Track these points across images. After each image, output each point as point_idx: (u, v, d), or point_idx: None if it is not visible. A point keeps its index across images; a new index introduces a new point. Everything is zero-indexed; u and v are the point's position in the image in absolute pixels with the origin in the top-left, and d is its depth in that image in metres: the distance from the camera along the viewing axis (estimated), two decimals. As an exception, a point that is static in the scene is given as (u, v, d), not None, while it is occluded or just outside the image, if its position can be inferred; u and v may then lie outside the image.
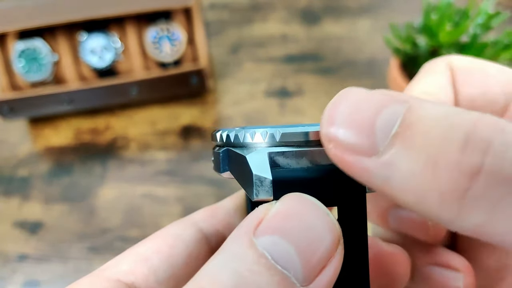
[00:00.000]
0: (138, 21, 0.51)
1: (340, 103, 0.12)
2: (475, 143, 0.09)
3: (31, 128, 0.53)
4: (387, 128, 0.11)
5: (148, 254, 0.16)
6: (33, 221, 0.46)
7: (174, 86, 0.51)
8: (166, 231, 0.18)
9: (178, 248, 0.17)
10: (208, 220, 0.18)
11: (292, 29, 0.62)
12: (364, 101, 0.11)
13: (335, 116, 0.11)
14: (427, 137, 0.10)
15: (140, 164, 0.49)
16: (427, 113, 0.10)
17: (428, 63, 0.18)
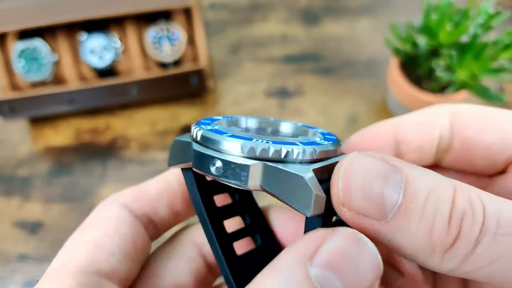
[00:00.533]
0: (138, 21, 0.51)
1: (352, 174, 0.14)
2: (455, 218, 0.13)
3: (31, 128, 0.53)
4: (393, 200, 0.13)
5: (99, 240, 0.17)
6: (33, 221, 0.46)
7: (174, 86, 0.51)
8: (103, 215, 0.19)
9: (122, 228, 0.18)
10: (136, 203, 0.19)
11: (292, 29, 0.62)
12: (371, 174, 0.14)
13: (349, 187, 0.14)
14: (423, 213, 0.13)
15: (140, 164, 0.49)
16: (420, 186, 0.13)
17: (431, 109, 0.19)
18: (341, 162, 0.14)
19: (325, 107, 0.53)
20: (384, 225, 0.13)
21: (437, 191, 0.13)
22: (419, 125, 0.19)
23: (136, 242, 0.18)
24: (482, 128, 0.18)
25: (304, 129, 0.20)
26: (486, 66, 0.41)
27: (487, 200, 0.13)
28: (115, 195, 0.20)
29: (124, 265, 0.17)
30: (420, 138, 0.19)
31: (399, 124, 0.19)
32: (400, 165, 0.14)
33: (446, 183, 0.14)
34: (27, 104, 0.50)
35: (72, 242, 0.18)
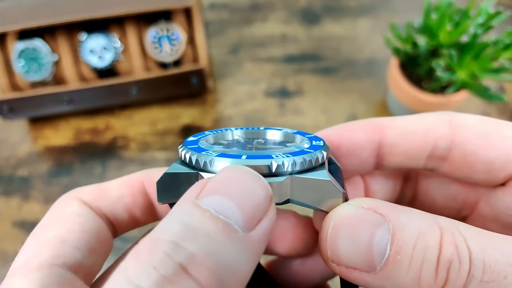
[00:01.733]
0: (138, 21, 0.51)
1: (339, 231, 0.14)
2: (442, 265, 0.13)
3: (31, 128, 0.53)
4: (381, 252, 0.14)
5: (63, 236, 0.17)
6: (33, 221, 0.46)
7: (174, 86, 0.51)
8: (64, 211, 0.18)
9: (85, 223, 0.18)
10: (95, 202, 0.19)
11: (292, 29, 0.62)
12: (358, 228, 0.14)
13: (337, 244, 0.14)
14: (411, 262, 0.14)
15: (140, 164, 0.49)
16: (407, 234, 0.14)
17: (429, 116, 0.19)
18: (328, 216, 0.15)
19: (325, 107, 0.53)
20: (373, 276, 0.14)
21: (424, 237, 0.14)
22: (408, 133, 0.19)
23: (100, 238, 0.18)
24: (485, 144, 0.18)
25: (291, 135, 0.20)
26: (486, 66, 0.41)
27: (472, 243, 0.14)
28: (73, 191, 0.19)
29: (89, 260, 0.17)
30: (407, 144, 0.19)
31: (387, 126, 0.19)
32: (387, 212, 0.14)
33: (432, 227, 0.14)
34: (27, 104, 0.50)
35: (35, 239, 0.17)
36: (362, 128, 0.19)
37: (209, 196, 0.13)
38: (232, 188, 0.13)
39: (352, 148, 0.19)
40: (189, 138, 0.19)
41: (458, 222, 0.14)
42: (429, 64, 0.44)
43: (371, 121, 0.19)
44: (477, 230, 0.14)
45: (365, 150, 0.19)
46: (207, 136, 0.19)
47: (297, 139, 0.19)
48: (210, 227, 0.13)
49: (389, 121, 0.19)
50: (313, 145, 0.17)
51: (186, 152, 0.16)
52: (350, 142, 0.19)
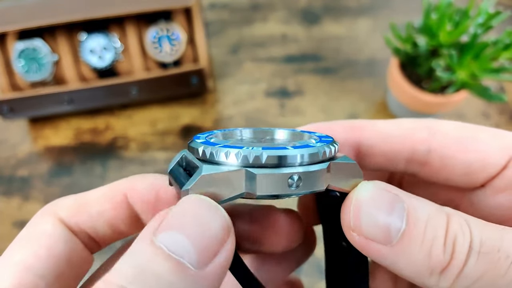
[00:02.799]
0: (138, 21, 0.51)
1: (362, 204, 0.16)
2: (449, 240, 0.15)
3: (31, 128, 0.53)
4: (397, 227, 0.15)
5: (28, 262, 0.16)
6: (33, 221, 0.46)
7: (174, 86, 0.51)
8: (35, 231, 0.17)
9: (55, 247, 0.17)
10: (73, 218, 0.18)
11: (292, 29, 0.62)
12: (378, 203, 0.15)
13: (359, 216, 0.16)
14: (424, 238, 0.15)
15: (140, 164, 0.49)
16: (420, 214, 0.15)
17: (408, 122, 0.20)
18: (352, 192, 0.16)
19: (325, 107, 0.53)
20: (389, 249, 0.15)
21: (433, 218, 0.15)
22: (387, 136, 0.19)
23: (72, 261, 0.17)
24: (462, 149, 0.18)
25: (299, 134, 0.20)
26: (486, 66, 0.41)
27: (473, 225, 0.15)
28: (51, 205, 0.19)
29: (55, 286, 0.16)
30: (386, 146, 0.19)
31: (366, 127, 0.20)
32: (402, 194, 0.16)
33: (440, 211, 0.16)
34: (27, 104, 0.50)
35: (2, 260, 0.16)
36: (342, 127, 0.20)
37: (165, 232, 0.13)
38: (187, 221, 0.13)
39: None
40: (197, 135, 0.19)
41: (458, 211, 0.16)
42: (429, 64, 0.44)
43: (351, 122, 0.20)
44: (474, 218, 0.16)
45: (344, 149, 0.20)
46: (216, 133, 0.19)
47: (305, 136, 0.20)
48: (161, 268, 0.12)
49: (369, 123, 0.20)
50: (322, 140, 0.18)
51: (199, 146, 0.16)
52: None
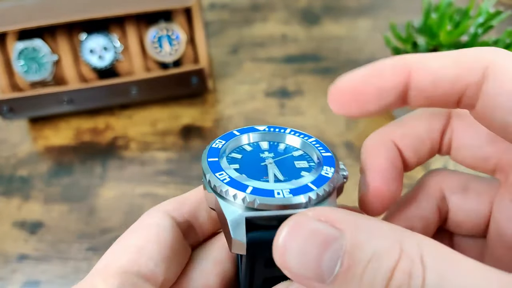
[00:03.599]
0: (138, 21, 0.51)
1: (291, 241, 0.14)
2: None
3: (31, 128, 0.53)
4: (331, 268, 0.14)
5: (141, 244, 0.19)
6: (33, 221, 0.46)
7: (174, 86, 0.51)
8: (146, 222, 0.20)
9: (162, 235, 0.19)
10: (177, 211, 0.21)
11: (292, 29, 0.62)
12: (310, 241, 0.14)
13: (288, 252, 0.14)
14: (361, 281, 0.13)
15: (140, 164, 0.49)
16: (361, 254, 0.13)
17: (467, 56, 0.18)
18: (283, 225, 0.15)
19: (325, 107, 0.53)
20: (324, 286, 0.14)
21: (377, 260, 0.13)
22: (437, 79, 0.18)
23: (175, 248, 0.20)
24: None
25: (309, 146, 0.21)
26: (486, 66, 0.41)
27: (430, 273, 0.13)
28: (158, 205, 0.21)
29: (162, 269, 0.19)
30: (435, 91, 0.18)
31: (416, 68, 0.18)
32: (346, 227, 0.14)
33: (391, 250, 0.14)
34: (27, 104, 0.50)
35: (118, 244, 0.19)
36: (391, 71, 0.18)
37: None
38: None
39: (378, 93, 0.19)
40: (215, 143, 0.21)
41: (431, 244, 0.14)
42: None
43: (401, 61, 0.19)
44: (445, 258, 0.13)
45: (390, 95, 0.19)
46: (229, 144, 0.21)
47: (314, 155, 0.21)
48: None
49: (421, 61, 0.18)
50: (320, 176, 0.19)
51: (210, 176, 0.18)
52: (377, 88, 0.19)
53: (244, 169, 0.19)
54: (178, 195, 0.22)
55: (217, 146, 0.21)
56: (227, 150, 0.21)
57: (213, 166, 0.19)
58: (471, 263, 0.13)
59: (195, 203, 0.22)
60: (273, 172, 0.19)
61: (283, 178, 0.19)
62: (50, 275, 0.42)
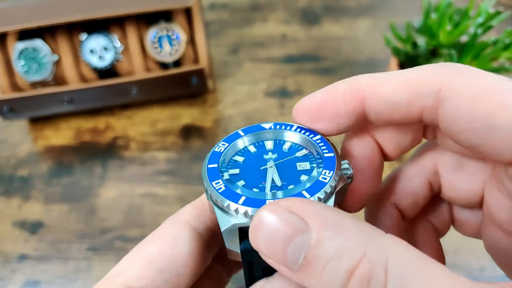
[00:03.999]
0: (138, 21, 0.51)
1: (258, 234, 0.15)
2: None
3: (31, 128, 0.53)
4: (295, 259, 0.14)
5: (153, 257, 0.18)
6: (33, 221, 0.46)
7: (174, 86, 0.51)
8: (164, 232, 0.19)
9: (178, 248, 0.19)
10: (199, 218, 0.20)
11: (292, 29, 0.62)
12: (278, 230, 0.15)
13: (257, 240, 0.15)
14: (322, 275, 0.14)
15: (140, 164, 0.49)
16: (323, 251, 0.14)
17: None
18: (258, 211, 0.15)
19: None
20: (291, 273, 0.15)
21: (338, 259, 0.14)
22: (392, 104, 0.18)
23: (190, 262, 0.19)
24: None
25: (309, 142, 0.21)
26: (486, 66, 0.41)
27: (393, 273, 0.13)
28: (176, 213, 0.21)
29: (170, 284, 0.18)
30: (392, 115, 0.18)
31: (369, 95, 0.18)
32: (314, 221, 0.14)
33: (353, 252, 0.14)
34: (27, 104, 0.50)
35: (132, 253, 0.19)
36: (343, 98, 0.19)
37: None
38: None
39: (334, 119, 0.19)
40: (218, 146, 0.21)
41: (399, 249, 0.14)
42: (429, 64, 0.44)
43: (353, 87, 0.19)
44: (412, 264, 0.13)
45: (346, 121, 0.19)
46: (231, 146, 0.21)
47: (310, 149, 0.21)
48: None
49: (371, 86, 0.18)
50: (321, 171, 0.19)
51: (208, 185, 0.19)
52: (332, 114, 0.19)
53: (243, 174, 0.20)
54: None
55: (219, 150, 0.21)
56: (229, 154, 0.21)
57: (211, 174, 0.19)
58: (439, 271, 0.13)
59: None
60: (272, 177, 0.19)
61: (281, 183, 0.19)
62: (50, 275, 0.42)
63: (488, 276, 0.39)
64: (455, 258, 0.41)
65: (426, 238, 0.22)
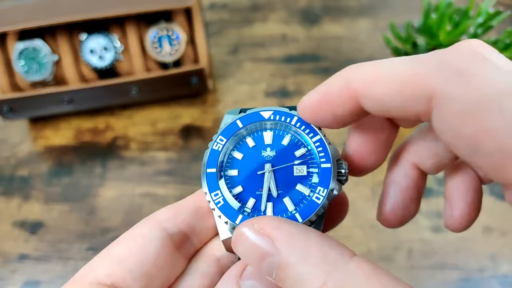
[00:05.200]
0: (138, 21, 0.51)
1: (238, 244, 0.17)
2: None
3: (31, 128, 0.53)
4: (269, 274, 0.16)
5: (122, 256, 0.19)
6: (33, 221, 0.46)
7: (174, 86, 0.51)
8: (134, 232, 0.20)
9: (147, 247, 0.19)
10: (172, 221, 0.20)
11: (292, 29, 0.62)
12: (251, 251, 0.16)
13: (238, 251, 0.17)
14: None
15: (140, 164, 0.49)
16: (289, 274, 0.15)
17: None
18: (236, 229, 0.17)
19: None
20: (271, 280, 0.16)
21: (304, 282, 0.15)
22: (387, 105, 0.18)
23: (161, 262, 0.19)
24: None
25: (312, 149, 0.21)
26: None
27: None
28: (153, 214, 0.21)
29: (139, 283, 0.18)
30: (390, 113, 0.18)
31: (363, 95, 0.18)
32: (283, 245, 0.16)
33: (316, 277, 0.15)
34: (27, 104, 0.50)
35: (102, 254, 0.19)
36: (338, 99, 0.19)
37: (249, 280, 0.17)
38: (264, 276, 0.17)
39: (333, 117, 0.19)
40: (215, 143, 0.21)
41: (359, 280, 0.15)
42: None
43: (346, 86, 0.18)
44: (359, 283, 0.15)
45: (345, 118, 0.19)
46: (230, 141, 0.21)
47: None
48: None
49: (364, 87, 0.18)
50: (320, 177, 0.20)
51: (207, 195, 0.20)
52: (331, 113, 0.19)
53: (241, 177, 0.20)
54: (177, 195, 0.22)
55: (217, 148, 0.21)
56: (227, 150, 0.21)
57: (211, 182, 0.20)
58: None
59: (192, 211, 0.21)
60: (268, 186, 0.20)
61: (277, 192, 0.20)
62: (50, 275, 0.42)
63: (487, 276, 0.39)
64: (455, 258, 0.41)
65: (466, 185, 0.21)
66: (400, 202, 0.22)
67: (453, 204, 0.21)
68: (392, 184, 0.22)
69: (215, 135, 0.21)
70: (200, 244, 0.22)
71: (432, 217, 0.43)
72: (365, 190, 0.45)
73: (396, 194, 0.22)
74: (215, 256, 0.21)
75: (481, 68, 0.15)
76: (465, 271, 0.40)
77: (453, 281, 0.40)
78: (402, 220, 0.22)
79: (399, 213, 0.22)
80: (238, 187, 0.20)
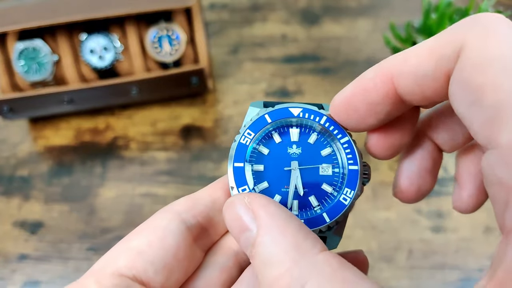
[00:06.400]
0: (138, 21, 0.51)
1: (226, 212, 0.18)
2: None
3: (31, 128, 0.53)
4: (246, 247, 0.17)
5: (142, 248, 0.18)
6: (33, 221, 0.46)
7: (174, 86, 0.51)
8: (153, 223, 0.20)
9: (167, 239, 0.19)
10: (190, 212, 0.20)
11: (292, 29, 0.62)
12: (234, 220, 0.17)
13: (226, 217, 0.18)
14: (258, 271, 0.16)
15: (140, 164, 0.49)
16: (261, 253, 0.16)
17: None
18: (226, 201, 0.18)
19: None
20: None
21: (269, 265, 0.16)
22: (420, 79, 0.17)
23: (180, 254, 0.19)
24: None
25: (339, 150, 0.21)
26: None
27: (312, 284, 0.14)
28: (170, 204, 0.21)
29: (161, 275, 0.18)
30: (424, 91, 0.18)
31: (396, 74, 0.18)
32: (262, 224, 0.16)
33: (284, 261, 0.15)
34: (27, 104, 0.50)
35: (120, 245, 0.19)
36: (374, 85, 0.18)
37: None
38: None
39: (370, 109, 0.19)
40: (243, 137, 0.21)
41: (326, 273, 0.15)
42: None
43: (381, 70, 0.18)
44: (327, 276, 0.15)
45: (383, 107, 0.18)
46: (254, 140, 0.21)
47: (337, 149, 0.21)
48: None
49: (399, 63, 0.18)
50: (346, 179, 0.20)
51: (235, 190, 0.20)
52: (367, 105, 0.19)
53: (267, 173, 0.20)
54: (177, 195, 0.22)
55: (245, 143, 0.20)
56: (254, 144, 0.21)
57: (238, 177, 0.20)
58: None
59: (209, 203, 0.21)
60: (295, 183, 0.20)
61: (303, 191, 0.20)
62: (50, 275, 0.42)
63: (488, 276, 0.39)
64: (455, 258, 0.41)
65: (477, 167, 0.21)
66: (416, 173, 0.21)
67: (462, 185, 0.21)
68: (408, 157, 0.22)
69: (242, 128, 0.21)
70: (216, 237, 0.21)
71: (432, 217, 0.43)
72: (366, 190, 0.45)
73: (412, 165, 0.22)
74: (233, 249, 0.21)
75: (505, 28, 0.15)
76: (465, 271, 0.40)
77: (453, 281, 0.40)
78: (418, 193, 0.22)
79: (414, 184, 0.21)
80: (264, 182, 0.20)
